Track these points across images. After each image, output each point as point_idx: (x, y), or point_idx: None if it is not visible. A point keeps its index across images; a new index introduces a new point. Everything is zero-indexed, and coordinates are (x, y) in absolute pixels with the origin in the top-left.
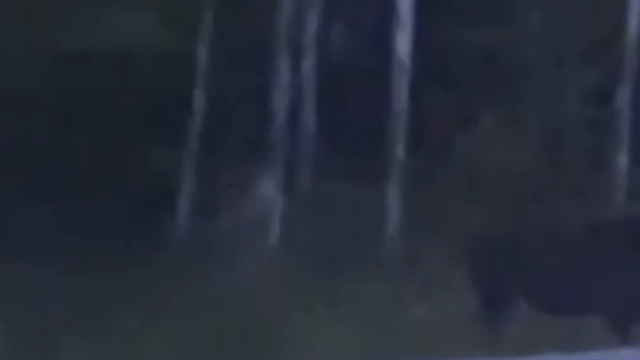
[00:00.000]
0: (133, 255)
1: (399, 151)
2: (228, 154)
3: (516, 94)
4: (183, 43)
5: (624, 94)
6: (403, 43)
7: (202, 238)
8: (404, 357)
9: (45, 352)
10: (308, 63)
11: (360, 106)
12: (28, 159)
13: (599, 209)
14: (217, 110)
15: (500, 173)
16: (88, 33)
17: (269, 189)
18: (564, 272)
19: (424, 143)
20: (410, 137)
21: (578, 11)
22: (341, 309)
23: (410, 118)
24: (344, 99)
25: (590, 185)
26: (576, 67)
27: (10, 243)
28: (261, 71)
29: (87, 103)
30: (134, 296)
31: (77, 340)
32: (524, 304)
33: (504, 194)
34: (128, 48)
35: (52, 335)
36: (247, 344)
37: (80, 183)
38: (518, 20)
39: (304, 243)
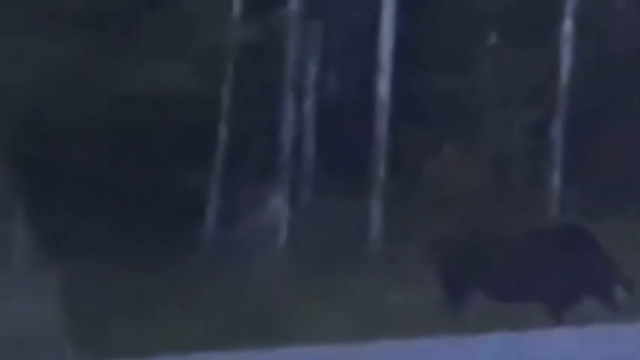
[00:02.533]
0: (171, 256)
1: (381, 172)
2: (245, 176)
3: (473, 128)
4: (209, 88)
5: (557, 128)
6: (383, 86)
7: (225, 243)
8: (386, 336)
9: (101, 332)
10: (309, 103)
11: (349, 136)
12: (88, 180)
13: (538, 219)
14: (237, 141)
15: (460, 191)
16: (135, 80)
17: (278, 203)
18: (510, 268)
19: (400, 166)
20: (389, 162)
21: (520, 63)
22: (335, 298)
23: (389, 146)
24: (337, 131)
25: (530, 200)
26: (520, 107)
27: (75, 246)
28: (272, 109)
29: (134, 135)
30: (172, 288)
31: (127, 322)
32: (479, 293)
33: (463, 207)
34: (166, 91)
35: (108, 318)
36: (261, 326)
37: (129, 199)
38: (474, 70)
39: (306, 246)
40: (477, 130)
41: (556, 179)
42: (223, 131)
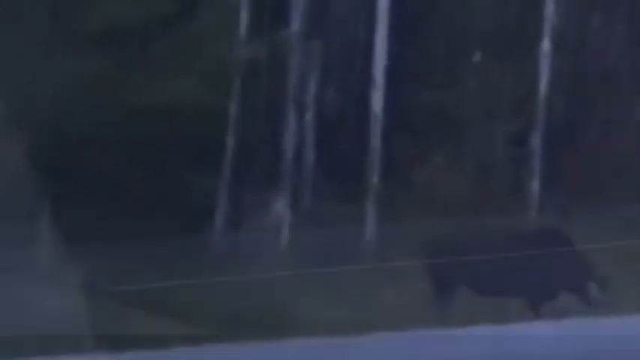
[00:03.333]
0: (184, 254)
1: (374, 178)
2: (251, 181)
3: (459, 138)
4: (217, 101)
5: (537, 138)
6: (377, 100)
7: (233, 243)
8: (379, 326)
9: (120, 323)
10: (309, 115)
11: (346, 146)
12: (105, 185)
13: (519, 221)
14: (243, 149)
15: (448, 195)
16: (149, 94)
17: (280, 206)
18: (494, 266)
19: (392, 174)
20: (382, 169)
21: (503, 79)
22: (333, 293)
23: (382, 155)
24: (334, 141)
25: (512, 204)
26: (502, 119)
27: (91, 247)
28: (275, 121)
29: (149, 144)
30: (185, 284)
31: (143, 313)
32: (464, 288)
33: (450, 210)
34: (178, 104)
35: (126, 309)
36: (266, 317)
37: (144, 204)
38: (460, 85)
39: (306, 245)
40: (463, 140)
41: (535, 185)
42: (230, 141)
